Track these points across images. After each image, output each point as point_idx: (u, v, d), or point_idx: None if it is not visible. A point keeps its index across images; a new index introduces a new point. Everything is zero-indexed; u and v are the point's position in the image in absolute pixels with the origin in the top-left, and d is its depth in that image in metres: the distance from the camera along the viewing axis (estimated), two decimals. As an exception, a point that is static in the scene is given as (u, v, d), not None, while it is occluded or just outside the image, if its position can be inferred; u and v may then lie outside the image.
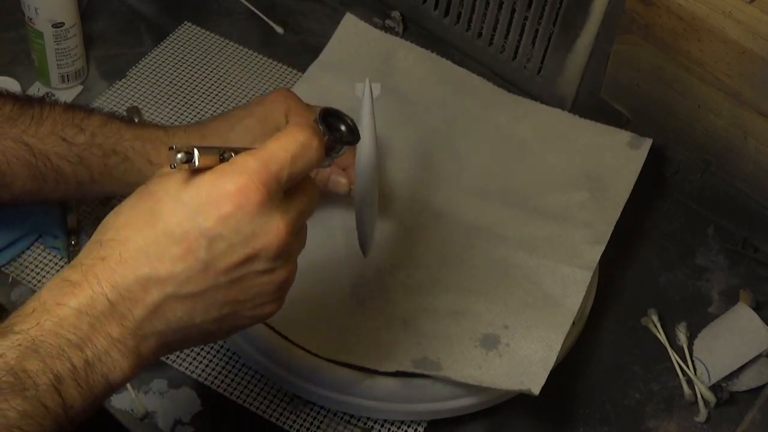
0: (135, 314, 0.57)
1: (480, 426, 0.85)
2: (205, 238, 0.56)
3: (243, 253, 0.57)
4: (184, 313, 0.58)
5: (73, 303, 0.56)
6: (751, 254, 1.00)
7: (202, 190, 0.57)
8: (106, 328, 0.56)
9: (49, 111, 0.82)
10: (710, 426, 0.87)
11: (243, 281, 0.59)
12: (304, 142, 0.59)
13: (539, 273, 0.89)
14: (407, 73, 1.06)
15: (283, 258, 0.59)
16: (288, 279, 0.61)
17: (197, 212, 0.56)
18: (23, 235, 0.91)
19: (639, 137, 1.00)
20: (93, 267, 0.57)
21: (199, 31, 1.14)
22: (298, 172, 0.59)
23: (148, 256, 0.56)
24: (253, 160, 0.57)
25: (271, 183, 0.57)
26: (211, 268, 0.57)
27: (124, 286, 0.56)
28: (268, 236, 0.58)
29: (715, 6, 0.89)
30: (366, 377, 0.81)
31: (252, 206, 0.57)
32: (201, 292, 0.58)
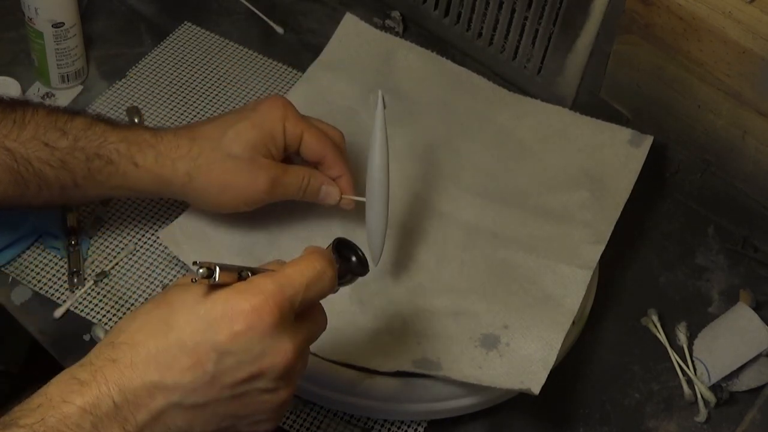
0: (138, 419, 0.58)
1: (480, 426, 0.85)
2: (216, 352, 0.58)
3: (249, 370, 0.59)
4: (184, 422, 0.59)
5: (78, 401, 0.56)
6: (751, 254, 1.00)
7: (218, 306, 0.59)
8: (108, 430, 0.57)
9: (31, 115, 0.81)
10: (710, 426, 0.87)
11: (245, 397, 0.60)
12: (320, 270, 0.62)
13: (539, 273, 0.89)
14: (407, 73, 1.06)
15: (286, 380, 0.61)
16: (288, 400, 0.63)
17: (211, 326, 0.58)
18: (23, 235, 0.91)
19: (640, 134, 0.99)
20: (102, 368, 0.58)
21: (199, 31, 1.14)
22: (311, 298, 0.62)
23: (158, 363, 0.58)
24: (270, 282, 0.59)
25: (284, 306, 0.60)
26: (217, 382, 0.59)
27: (131, 390, 0.57)
28: (275, 357, 0.60)
29: (715, 6, 0.89)
30: (366, 377, 0.81)
31: (264, 326, 0.59)
32: (204, 404, 0.59)
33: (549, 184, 0.97)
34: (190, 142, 0.84)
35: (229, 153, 0.83)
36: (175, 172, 0.83)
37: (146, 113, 1.04)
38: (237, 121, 0.85)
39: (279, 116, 0.85)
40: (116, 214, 0.95)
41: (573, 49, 1.03)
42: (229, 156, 0.83)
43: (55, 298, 0.88)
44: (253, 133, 0.84)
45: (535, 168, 0.99)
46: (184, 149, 0.83)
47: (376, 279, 0.88)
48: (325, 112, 0.97)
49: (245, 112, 0.86)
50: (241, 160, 0.83)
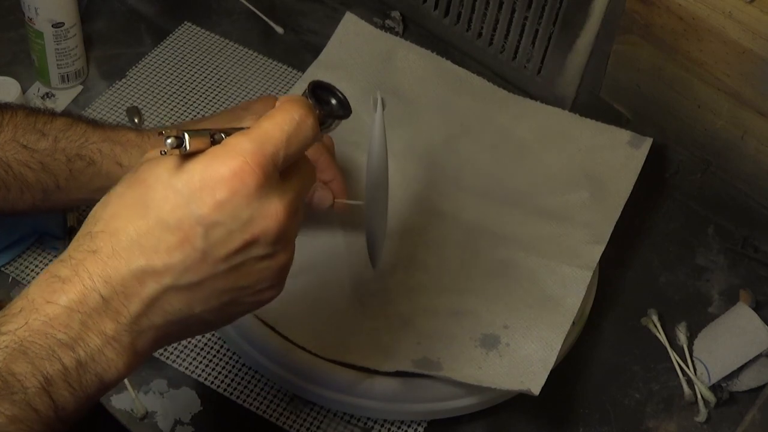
0: (130, 309, 0.54)
1: (480, 426, 0.85)
2: (202, 225, 0.54)
3: (241, 239, 0.55)
4: (182, 304, 0.56)
5: (63, 300, 0.53)
6: (751, 254, 1.00)
7: (195, 176, 0.54)
8: (100, 326, 0.54)
9: (10, 117, 0.79)
10: (710, 426, 0.87)
11: (242, 267, 0.56)
12: (299, 119, 0.57)
13: (539, 273, 0.89)
14: (407, 73, 1.06)
15: (282, 242, 0.57)
16: (288, 262, 0.59)
17: (191, 199, 0.54)
18: (23, 235, 0.91)
19: (639, 136, 1.00)
20: (83, 261, 0.54)
21: (199, 31, 1.14)
22: (293, 152, 0.57)
23: (142, 248, 0.54)
24: (248, 141, 0.55)
25: (267, 165, 0.55)
26: (210, 257, 0.55)
27: (118, 280, 0.54)
28: (266, 220, 0.55)
29: (715, 6, 0.89)
30: (366, 377, 0.81)
31: (248, 190, 0.54)
32: (200, 281, 0.55)
33: (549, 184, 0.97)
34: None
35: None
36: None
37: (146, 113, 1.04)
38: (230, 120, 0.83)
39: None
40: (116, 214, 0.95)
41: (573, 49, 1.03)
42: None
43: (55, 298, 0.88)
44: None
45: (535, 168, 0.99)
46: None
47: (376, 279, 0.88)
48: (325, 112, 0.97)
49: (237, 111, 0.85)
50: None
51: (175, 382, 0.85)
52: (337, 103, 0.63)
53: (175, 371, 0.85)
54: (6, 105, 0.81)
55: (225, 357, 0.87)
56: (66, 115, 0.82)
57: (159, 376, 0.85)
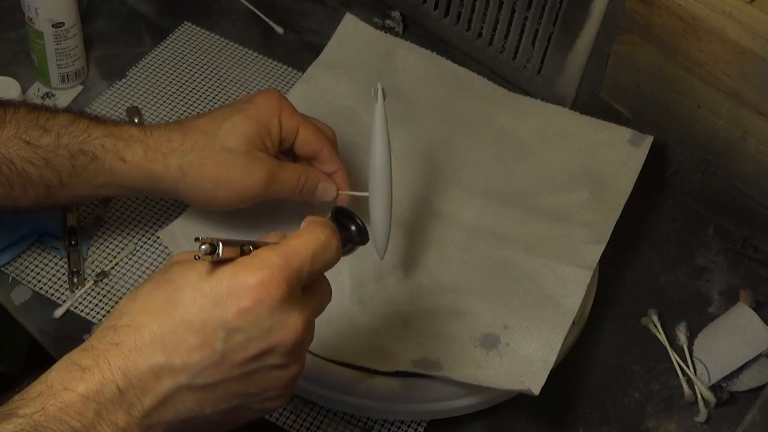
0: (144, 403, 0.56)
1: (480, 426, 0.85)
2: (224, 329, 0.56)
3: (259, 347, 0.57)
4: (194, 404, 0.58)
5: (81, 389, 0.55)
6: (751, 254, 1.00)
7: (224, 282, 0.57)
8: (113, 416, 0.55)
9: (12, 113, 0.79)
10: (710, 426, 0.87)
11: (256, 375, 0.59)
12: (325, 241, 0.60)
13: (539, 273, 0.89)
14: (407, 73, 1.06)
15: (296, 354, 0.60)
16: (297, 374, 0.61)
17: (217, 304, 0.56)
18: (23, 235, 0.91)
19: (640, 134, 0.99)
20: (106, 353, 0.56)
21: (199, 31, 1.14)
22: (317, 269, 0.60)
23: (163, 345, 0.56)
24: (276, 256, 0.58)
25: (292, 279, 0.58)
26: (227, 360, 0.57)
27: (136, 374, 0.56)
28: (285, 332, 0.58)
29: (715, 6, 0.89)
30: (366, 377, 0.81)
31: (272, 301, 0.57)
32: (214, 383, 0.57)
33: (549, 184, 0.97)
34: (182, 135, 0.82)
35: (223, 146, 0.81)
36: (166, 167, 0.81)
37: (146, 113, 1.04)
38: (231, 114, 0.83)
39: (274, 109, 0.84)
40: (116, 214, 0.95)
41: (573, 49, 1.03)
42: (223, 149, 0.81)
43: (55, 298, 0.88)
44: (248, 126, 0.82)
45: (535, 168, 0.99)
46: (175, 143, 0.81)
47: (376, 279, 0.89)
48: (325, 112, 0.97)
49: (239, 105, 0.85)
50: (236, 153, 0.82)
51: (175, 382, 0.85)
52: (356, 230, 0.68)
53: (175, 371, 0.85)
54: (8, 102, 0.81)
55: (225, 357, 0.87)
56: (68, 112, 0.82)
57: (159, 376, 0.85)
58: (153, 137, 0.81)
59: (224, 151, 0.81)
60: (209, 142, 0.81)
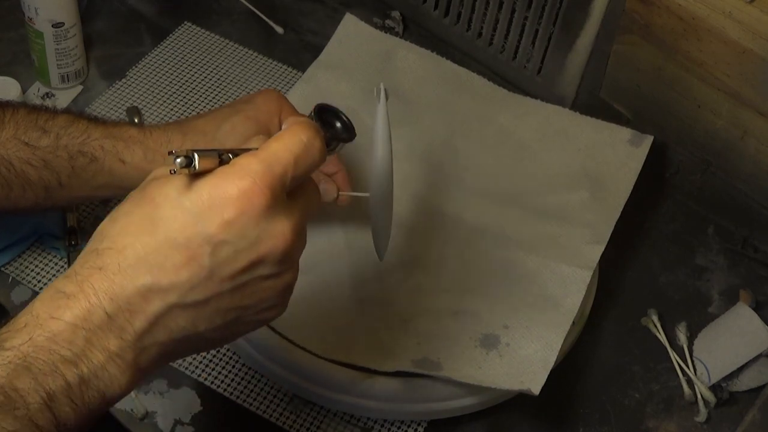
0: (135, 326, 0.55)
1: (480, 426, 0.85)
2: (209, 244, 0.54)
3: (248, 258, 0.56)
4: (187, 322, 0.56)
5: (67, 316, 0.54)
6: (751, 254, 1.00)
7: (204, 195, 0.54)
8: (103, 342, 0.54)
9: (11, 115, 0.79)
10: (710, 426, 0.87)
11: (248, 287, 0.57)
12: (308, 142, 0.57)
13: (539, 273, 0.89)
14: (407, 73, 1.06)
15: (288, 262, 0.58)
16: (292, 282, 0.59)
17: (200, 218, 0.54)
18: (23, 236, 0.91)
19: (640, 134, 0.99)
20: (89, 277, 0.54)
21: (199, 31, 1.14)
22: (301, 174, 0.58)
23: (148, 265, 0.54)
24: (256, 162, 0.55)
25: (275, 186, 0.56)
26: (216, 275, 0.55)
27: (124, 297, 0.54)
28: (273, 241, 0.56)
29: (715, 6, 0.89)
30: (366, 377, 0.81)
31: (257, 210, 0.55)
32: (205, 300, 0.56)
33: (549, 184, 0.97)
34: (182, 136, 0.81)
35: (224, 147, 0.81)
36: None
37: (146, 113, 1.04)
38: (231, 114, 0.83)
39: (274, 109, 0.83)
40: (116, 214, 0.95)
41: (573, 49, 1.03)
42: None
43: (55, 298, 0.88)
44: (248, 126, 0.81)
45: (535, 168, 0.99)
46: (175, 144, 0.81)
47: (376, 279, 0.89)
48: (325, 112, 0.97)
49: (239, 105, 0.84)
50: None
51: (175, 382, 0.85)
52: (341, 126, 0.64)
53: (175, 371, 0.85)
54: (7, 103, 0.81)
55: (225, 357, 0.87)
56: (67, 112, 0.82)
57: (159, 376, 0.85)
58: (153, 138, 0.81)
59: None
60: (209, 142, 0.81)
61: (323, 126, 0.62)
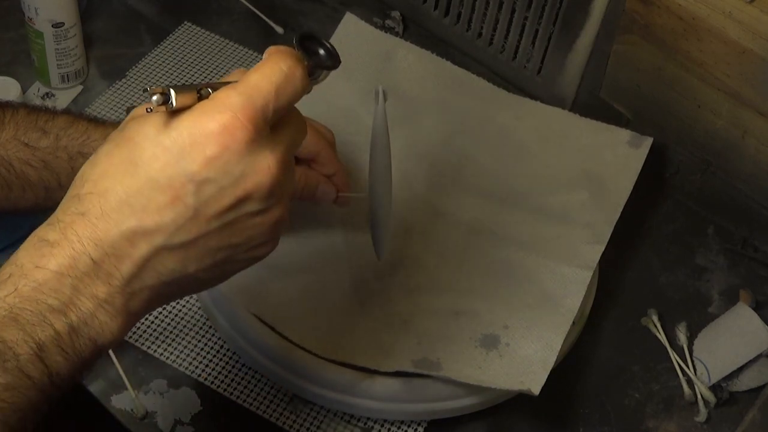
0: (122, 271, 0.54)
1: (480, 426, 0.85)
2: (193, 182, 0.53)
3: (234, 195, 0.54)
4: (176, 264, 0.55)
5: (52, 265, 0.52)
6: (751, 254, 1.00)
7: (184, 132, 0.53)
8: (91, 289, 0.53)
9: (11, 115, 0.78)
10: (710, 426, 0.87)
11: (236, 224, 0.55)
12: (288, 71, 0.55)
13: (539, 273, 0.89)
14: (407, 73, 1.06)
15: (276, 196, 0.56)
16: (282, 217, 0.58)
17: (181, 156, 0.53)
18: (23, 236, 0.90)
19: (639, 136, 0.99)
20: (72, 224, 0.53)
21: (199, 31, 1.14)
22: (283, 104, 0.56)
23: (131, 208, 0.53)
24: (236, 95, 0.54)
25: (257, 118, 0.54)
26: (202, 214, 0.54)
27: (108, 242, 0.53)
28: (258, 175, 0.54)
29: (715, 6, 0.89)
30: (366, 377, 0.81)
31: (239, 145, 0.53)
32: (193, 240, 0.54)
33: (549, 184, 0.97)
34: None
35: None
36: None
37: (146, 113, 1.04)
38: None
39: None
40: (116, 214, 0.95)
41: (573, 49, 1.03)
42: None
43: (55, 298, 0.88)
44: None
45: (535, 168, 0.99)
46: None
47: (376, 279, 0.88)
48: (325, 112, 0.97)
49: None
50: None
51: (175, 382, 0.85)
52: (325, 54, 0.62)
53: (175, 371, 0.85)
54: (7, 103, 0.81)
55: (225, 357, 0.87)
56: (67, 113, 0.82)
57: (159, 376, 0.85)
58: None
59: None
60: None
61: (306, 54, 0.60)
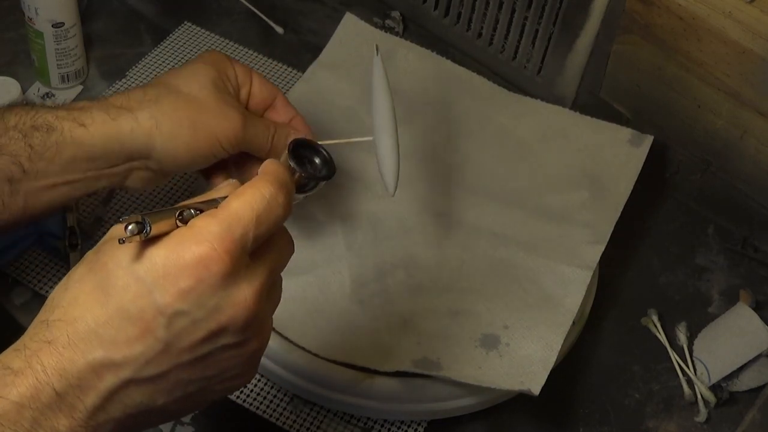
0: (86, 403, 0.52)
1: (480, 426, 0.85)
2: (164, 315, 0.51)
3: (207, 328, 0.52)
4: (144, 397, 0.53)
5: (13, 395, 0.50)
6: (751, 254, 1.00)
7: (158, 262, 0.51)
8: (52, 422, 0.51)
9: None
10: (710, 426, 0.87)
11: (210, 357, 0.54)
12: (270, 198, 0.54)
13: (539, 273, 0.89)
14: (407, 73, 1.06)
15: (252, 328, 0.54)
16: (259, 348, 0.56)
17: (154, 287, 0.51)
18: (23, 235, 0.91)
19: (640, 134, 0.99)
20: (38, 351, 0.51)
21: (199, 31, 1.14)
22: (264, 231, 0.54)
23: (100, 338, 0.51)
24: (215, 224, 0.52)
25: (234, 250, 0.52)
26: (173, 348, 0.52)
27: (74, 372, 0.51)
28: (233, 309, 0.53)
29: (715, 6, 0.89)
30: (366, 377, 0.81)
31: (214, 278, 0.51)
32: (163, 373, 0.53)
33: (549, 184, 0.97)
34: (143, 90, 0.76)
35: (190, 93, 0.76)
36: (136, 121, 0.73)
37: (146, 113, 1.04)
38: (187, 65, 0.79)
39: (225, 57, 0.80)
40: (116, 214, 0.95)
41: (573, 49, 1.03)
42: (191, 95, 0.76)
43: (55, 298, 0.88)
44: (209, 71, 0.77)
45: (535, 168, 0.99)
46: (137, 96, 0.75)
47: (376, 279, 0.89)
48: (325, 112, 0.97)
49: (188, 63, 0.80)
50: (207, 97, 0.76)
51: (175, 382, 0.85)
52: (320, 162, 0.61)
53: (175, 371, 0.85)
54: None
55: (225, 357, 0.87)
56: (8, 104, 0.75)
57: (159, 376, 0.85)
58: (111, 99, 0.75)
59: (194, 98, 0.76)
60: (174, 91, 0.76)
61: (300, 165, 0.58)
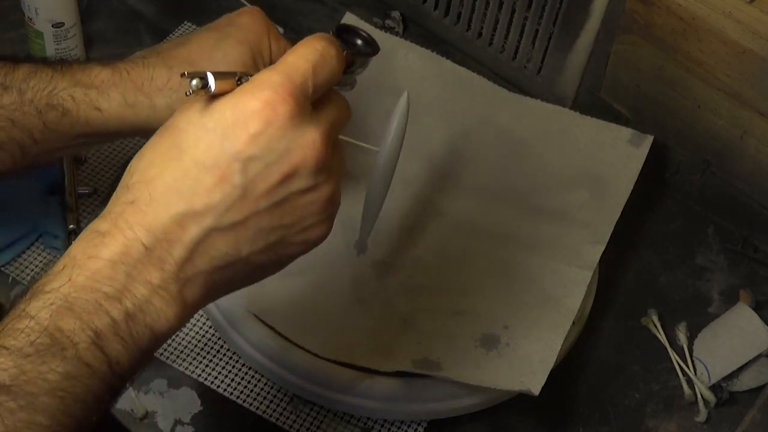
0: (174, 256, 0.53)
1: (480, 426, 0.85)
2: (238, 161, 0.53)
3: (280, 171, 0.54)
4: (228, 246, 0.54)
5: (105, 254, 0.52)
6: (751, 254, 1.00)
7: (227, 112, 0.53)
8: (145, 275, 0.53)
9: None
10: (710, 426, 0.87)
11: (286, 203, 0.55)
12: (323, 51, 0.56)
13: (539, 273, 0.89)
14: (407, 73, 1.06)
15: (324, 172, 0.56)
16: (333, 196, 0.57)
17: (225, 136, 0.53)
18: (23, 235, 0.91)
19: (640, 134, 0.99)
20: (122, 213, 0.53)
21: (199, 31, 1.14)
22: (321, 82, 0.56)
23: (179, 192, 0.53)
24: (275, 74, 0.54)
25: (297, 93, 0.54)
26: (250, 193, 0.54)
27: (159, 227, 0.53)
28: (304, 150, 0.54)
29: (715, 6, 0.89)
30: (366, 377, 0.81)
31: (282, 120, 0.53)
32: (243, 220, 0.54)
33: (549, 184, 0.97)
34: (167, 70, 0.75)
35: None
36: (153, 110, 0.74)
37: (146, 113, 1.04)
38: (219, 39, 0.77)
39: (263, 29, 0.79)
40: (116, 214, 0.95)
41: (573, 49, 1.03)
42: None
43: (55, 298, 0.88)
44: (242, 51, 0.76)
45: (536, 168, 0.99)
46: (160, 81, 0.74)
47: (376, 279, 0.89)
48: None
49: (224, 28, 0.78)
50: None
51: (175, 382, 0.85)
52: (363, 42, 0.63)
53: (175, 371, 0.85)
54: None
55: (225, 357, 0.87)
56: (28, 61, 0.75)
57: (159, 376, 0.85)
58: (131, 78, 0.75)
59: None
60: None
61: (344, 45, 0.61)
